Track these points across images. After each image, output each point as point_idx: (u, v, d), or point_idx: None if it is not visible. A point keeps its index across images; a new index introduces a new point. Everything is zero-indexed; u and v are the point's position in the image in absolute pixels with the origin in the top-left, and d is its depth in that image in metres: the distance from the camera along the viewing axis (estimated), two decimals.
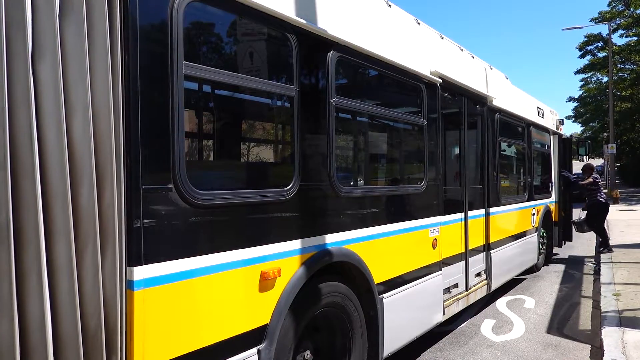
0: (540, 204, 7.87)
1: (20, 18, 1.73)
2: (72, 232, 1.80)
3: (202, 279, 2.27)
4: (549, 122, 8.67)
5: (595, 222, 9.23)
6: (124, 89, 1.98)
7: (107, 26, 1.90)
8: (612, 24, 29.90)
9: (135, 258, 2.00)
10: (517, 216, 6.72)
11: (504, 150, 6.63)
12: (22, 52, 1.72)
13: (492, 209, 5.73)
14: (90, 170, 1.85)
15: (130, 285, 1.99)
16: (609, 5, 31.59)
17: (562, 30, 33.41)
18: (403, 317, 3.82)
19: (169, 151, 2.15)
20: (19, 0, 1.72)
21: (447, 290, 4.71)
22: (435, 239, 4.30)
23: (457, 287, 4.96)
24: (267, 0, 2.62)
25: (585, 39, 33.91)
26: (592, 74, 36.24)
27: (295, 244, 2.81)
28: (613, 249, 9.02)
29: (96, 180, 1.87)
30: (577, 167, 11.37)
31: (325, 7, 3.09)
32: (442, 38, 4.87)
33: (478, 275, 5.48)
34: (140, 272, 2.01)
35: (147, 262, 2.04)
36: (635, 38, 30.92)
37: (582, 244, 11.28)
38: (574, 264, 8.94)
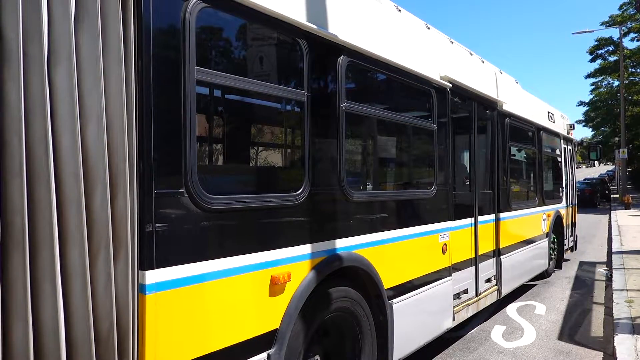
0: (551, 209, 7.80)
1: (36, 24, 1.75)
2: (86, 236, 1.81)
3: (213, 283, 2.28)
4: (560, 127, 8.61)
5: None
6: (137, 95, 2.00)
7: (121, 32, 1.92)
8: (623, 28, 29.62)
9: (147, 262, 2.01)
10: (527, 221, 6.66)
11: (514, 155, 6.59)
12: (38, 58, 1.75)
13: (502, 214, 5.69)
14: (104, 175, 1.87)
15: (142, 289, 2.00)
16: (620, 8, 31.34)
17: (573, 34, 33.08)
18: (413, 322, 3.80)
19: (181, 156, 2.17)
20: (35, 6, 1.75)
21: (457, 296, 4.67)
22: (445, 244, 4.28)
23: (467, 292, 4.93)
24: (278, 6, 2.64)
25: (596, 43, 33.62)
26: (603, 78, 35.88)
27: (305, 249, 2.82)
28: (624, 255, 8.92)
29: (109, 185, 1.88)
30: (587, 172, 11.28)
31: (335, 12, 3.10)
32: (452, 42, 4.86)
33: (488, 280, 5.43)
34: (152, 276, 2.02)
35: (159, 266, 2.05)
36: None
37: (594, 249, 11.16)
38: (585, 269, 8.84)
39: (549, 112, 7.94)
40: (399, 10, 3.91)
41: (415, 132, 4.32)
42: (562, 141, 8.84)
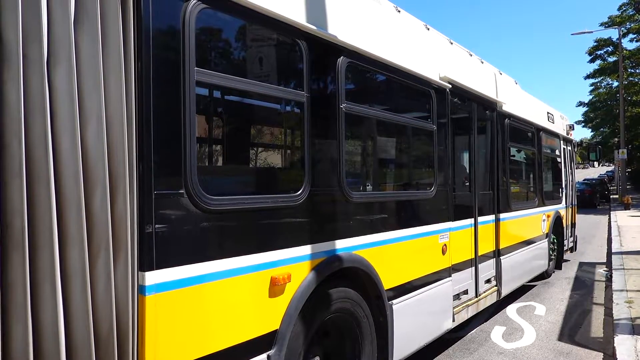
0: (551, 209, 7.81)
1: (36, 26, 1.75)
2: (86, 237, 1.81)
3: (213, 284, 2.27)
4: (559, 127, 8.61)
5: None
6: (137, 96, 2.00)
7: (121, 34, 1.92)
8: (622, 29, 29.64)
9: (147, 263, 2.01)
10: (527, 222, 6.66)
11: (514, 156, 6.59)
12: (37, 60, 1.75)
13: (502, 215, 5.69)
14: (104, 176, 1.86)
15: (142, 290, 2.00)
16: (619, 9, 31.37)
17: (572, 34, 33.19)
18: (413, 323, 3.80)
19: (180, 157, 2.17)
20: (35, 8, 1.75)
21: (456, 297, 4.67)
22: (445, 244, 4.28)
23: (467, 293, 4.93)
24: (278, 7, 2.64)
25: (595, 44, 33.66)
26: (602, 79, 35.92)
27: (305, 250, 2.81)
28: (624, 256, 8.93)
29: (109, 186, 1.88)
30: (585, 173, 11.31)
31: (335, 13, 3.11)
32: (452, 43, 4.86)
33: (488, 281, 5.43)
34: (152, 277, 2.02)
35: (159, 267, 2.05)
36: None
37: (593, 250, 11.17)
38: (585, 270, 8.84)
39: (548, 113, 7.94)
40: (399, 11, 3.91)
41: (414, 132, 4.32)
42: (561, 142, 8.84)
